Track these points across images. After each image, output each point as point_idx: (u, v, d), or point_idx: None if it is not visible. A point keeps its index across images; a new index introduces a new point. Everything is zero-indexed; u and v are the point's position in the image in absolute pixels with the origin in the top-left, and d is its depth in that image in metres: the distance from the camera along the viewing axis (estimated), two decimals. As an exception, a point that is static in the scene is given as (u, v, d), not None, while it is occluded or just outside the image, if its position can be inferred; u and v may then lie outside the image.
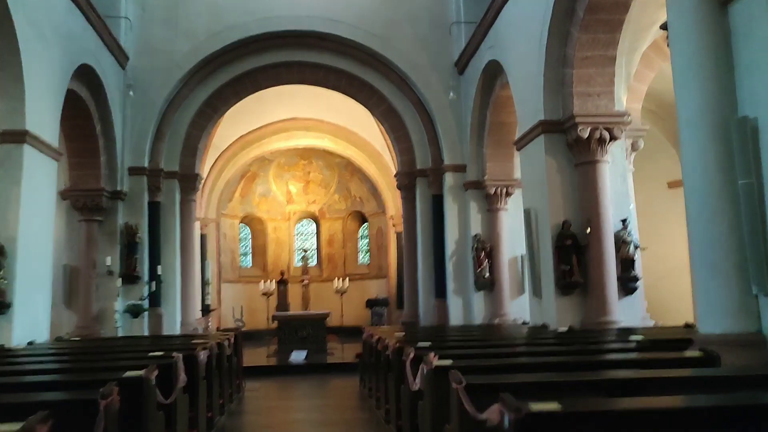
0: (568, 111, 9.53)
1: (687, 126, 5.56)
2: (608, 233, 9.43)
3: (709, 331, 5.38)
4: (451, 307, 14.67)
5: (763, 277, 5.08)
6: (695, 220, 5.47)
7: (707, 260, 5.34)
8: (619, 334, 7.91)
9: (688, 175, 5.54)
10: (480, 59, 13.25)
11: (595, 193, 9.42)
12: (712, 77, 5.43)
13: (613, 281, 9.39)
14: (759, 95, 5.15)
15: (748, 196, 5.14)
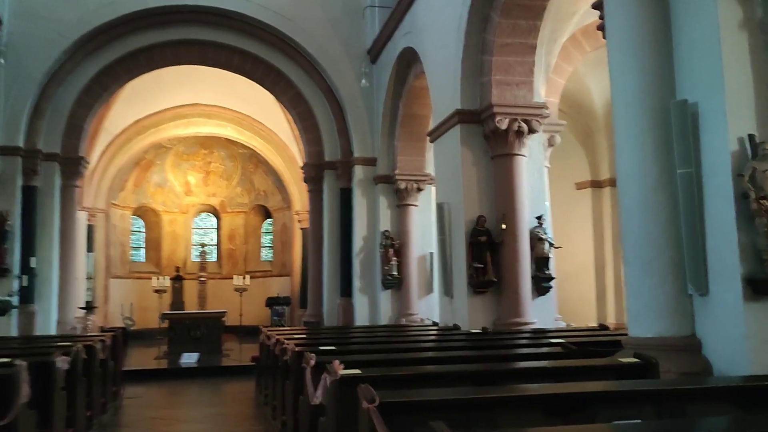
0: (486, 100, 9.03)
1: (624, 110, 5.08)
2: (524, 230, 9.00)
3: (640, 335, 4.91)
4: (356, 307, 13.96)
5: (699, 275, 4.65)
6: (629, 214, 4.98)
7: (642, 257, 4.86)
8: (537, 336, 7.43)
9: (624, 165, 5.05)
10: (394, 46, 12.61)
11: (511, 188, 8.96)
12: (651, 59, 4.97)
13: (527, 280, 8.97)
14: (699, 79, 4.72)
15: (687, 186, 4.70)
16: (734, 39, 4.58)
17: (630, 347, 4.92)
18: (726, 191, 4.48)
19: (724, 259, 4.51)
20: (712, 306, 4.63)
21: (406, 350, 5.90)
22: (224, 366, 12.64)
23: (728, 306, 4.48)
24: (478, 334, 8.05)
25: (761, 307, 4.40)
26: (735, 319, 4.43)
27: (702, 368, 4.62)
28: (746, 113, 4.54)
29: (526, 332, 8.17)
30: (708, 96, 4.64)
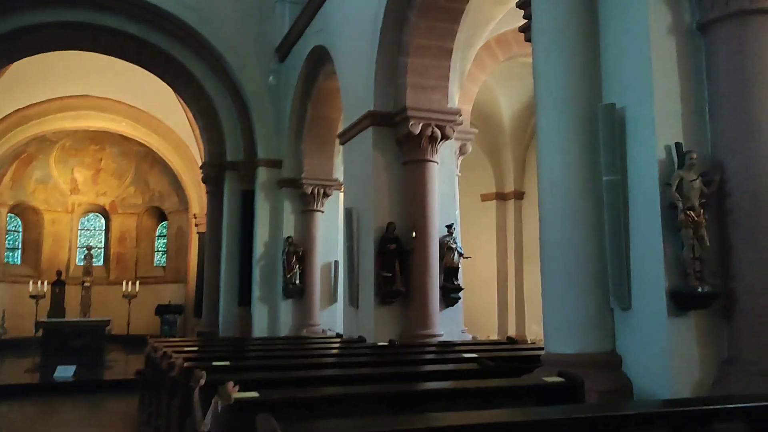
0: (400, 103, 8.68)
1: (549, 113, 4.81)
2: (434, 239, 8.69)
3: (560, 350, 4.63)
4: (255, 316, 13.22)
5: (622, 288, 4.43)
6: (552, 221, 4.71)
7: (564, 268, 4.59)
8: (446, 350, 7.11)
9: (547, 169, 4.78)
10: (305, 44, 12.08)
11: (422, 195, 8.64)
12: (578, 60, 4.74)
13: (435, 291, 8.66)
14: (628, 84, 4.53)
15: (612, 194, 4.48)
16: (664, 44, 4.42)
17: (550, 364, 4.63)
18: (652, 201, 4.29)
19: (648, 271, 4.32)
20: (635, 321, 4.42)
21: (310, 366, 5.37)
22: (106, 380, 11.54)
23: (651, 321, 4.28)
24: (385, 347, 7.64)
25: (684, 322, 4.22)
26: (658, 334, 4.24)
27: (622, 386, 4.39)
28: (673, 121, 4.38)
29: (435, 345, 7.84)
30: (636, 101, 4.45)
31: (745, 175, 4.20)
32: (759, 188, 4.17)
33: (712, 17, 4.38)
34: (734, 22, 4.31)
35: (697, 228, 4.14)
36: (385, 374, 4.81)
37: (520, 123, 14.95)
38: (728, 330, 4.26)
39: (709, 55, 4.44)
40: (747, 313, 4.15)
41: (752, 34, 4.28)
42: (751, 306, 4.14)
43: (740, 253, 4.19)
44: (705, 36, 4.47)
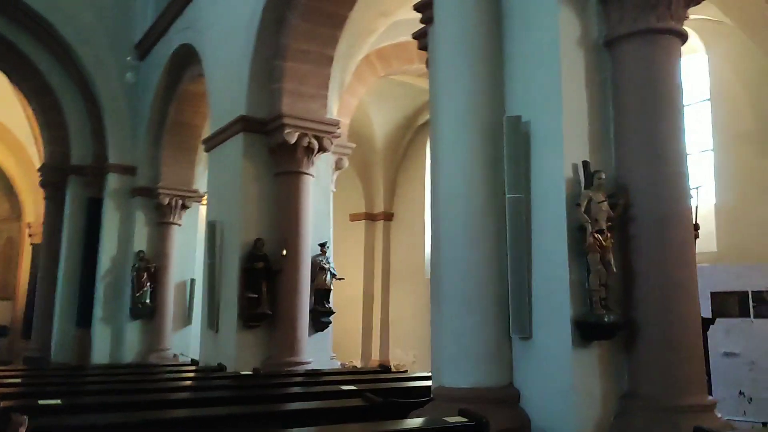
0: (275, 110, 8.02)
1: (450, 123, 4.39)
2: (306, 258, 8.07)
3: (453, 384, 4.18)
4: (96, 339, 11.73)
5: (523, 316, 4.08)
6: (451, 241, 4.27)
7: (462, 293, 4.16)
8: (315, 379, 6.48)
9: (447, 184, 4.35)
10: (169, 42, 11.05)
11: (296, 210, 8.00)
12: (482, 69, 4.38)
13: (305, 314, 8.02)
14: (534, 97, 4.24)
15: (515, 213, 4.14)
16: (573, 57, 4.18)
17: (443, 399, 4.17)
18: (558, 222, 3.99)
19: (552, 298, 3.99)
20: (536, 351, 4.07)
21: (161, 404, 4.50)
22: None
23: (554, 352, 3.95)
24: (248, 377, 6.86)
25: (588, 354, 3.93)
26: (560, 367, 3.91)
27: (521, 424, 4.02)
28: (581, 138, 4.13)
29: (303, 374, 7.19)
30: (543, 116, 4.16)
31: (651, 199, 4.03)
32: (664, 214, 4.00)
33: (620, 34, 4.21)
34: (641, 40, 4.15)
35: (604, 253, 3.88)
36: (250, 415, 4.09)
37: (393, 143, 14.76)
38: (628, 362, 4.03)
39: (615, 72, 4.26)
40: (649, 345, 3.94)
41: (659, 54, 4.14)
42: (654, 337, 3.93)
43: (643, 282, 3.99)
44: (612, 53, 4.29)
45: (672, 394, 3.85)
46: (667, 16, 4.13)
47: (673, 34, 4.16)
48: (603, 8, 4.27)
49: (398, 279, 15.01)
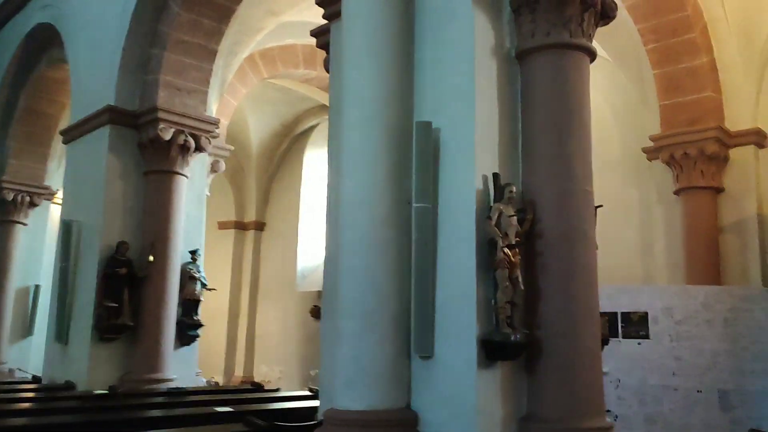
0: (149, 102, 7.35)
1: (356, 125, 4.07)
2: (175, 265, 7.44)
3: (346, 406, 3.83)
4: None
5: (426, 334, 3.84)
6: (353, 252, 3.94)
7: (364, 308, 3.84)
8: (179, 398, 5.88)
9: (350, 190, 4.02)
10: (26, 19, 9.92)
11: (166, 213, 7.35)
12: (392, 70, 4.11)
13: (171, 327, 7.37)
14: (445, 104, 4.03)
15: (422, 224, 3.90)
16: (486, 66, 4.04)
17: (334, 423, 3.82)
18: (467, 235, 3.79)
19: (457, 315, 3.78)
20: (437, 372, 3.83)
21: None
22: None
23: (457, 372, 3.73)
24: (103, 396, 6.11)
25: (492, 374, 3.75)
26: (463, 388, 3.69)
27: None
28: (491, 149, 3.98)
29: (166, 393, 6.54)
30: (454, 124, 3.96)
31: (557, 216, 3.94)
32: (570, 232, 3.93)
33: (532, 46, 4.12)
34: (553, 54, 4.09)
35: (513, 269, 3.73)
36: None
37: (268, 150, 14.22)
38: (529, 383, 3.90)
39: (526, 85, 4.17)
40: (551, 366, 3.83)
41: (570, 69, 4.10)
42: (556, 358, 3.82)
43: (547, 300, 3.88)
44: (523, 65, 4.19)
45: (572, 417, 3.76)
46: (579, 32, 4.11)
47: (584, 50, 4.14)
48: (516, 19, 4.18)
49: (267, 292, 14.43)
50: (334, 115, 4.66)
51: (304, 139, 14.20)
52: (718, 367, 6.86)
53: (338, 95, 4.38)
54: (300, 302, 13.31)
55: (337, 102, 4.53)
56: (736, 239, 7.74)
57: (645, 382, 6.94)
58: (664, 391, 6.98)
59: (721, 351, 6.89)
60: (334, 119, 4.63)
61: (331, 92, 4.79)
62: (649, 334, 7.10)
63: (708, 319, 6.95)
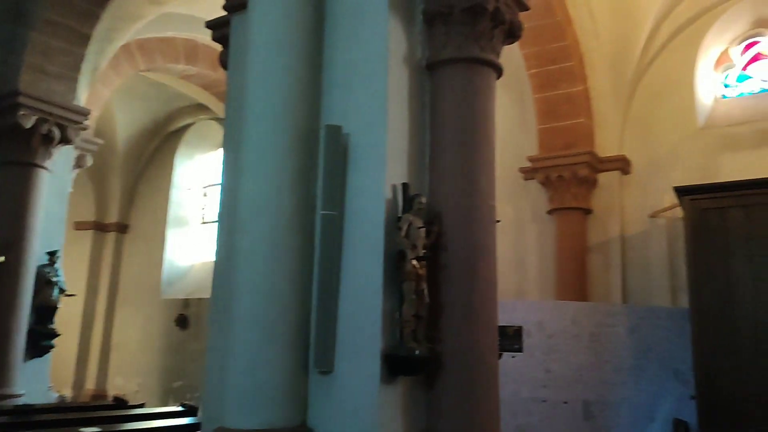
0: (9, 86, 6.61)
1: (263, 129, 3.79)
2: (29, 267, 6.72)
3: (239, 425, 3.55)
4: None
5: (327, 347, 3.65)
6: (251, 259, 3.67)
7: (263, 319, 3.58)
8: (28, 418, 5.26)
9: (251, 193, 3.74)
10: None
11: (22, 208, 6.63)
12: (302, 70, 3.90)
13: (22, 336, 6.62)
14: (356, 108, 3.88)
15: (328, 233, 3.72)
16: (399, 73, 3.95)
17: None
18: (375, 245, 3.66)
19: (361, 328, 3.63)
20: (337, 387, 3.65)
21: None
22: None
23: (358, 388, 3.58)
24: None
25: (394, 390, 3.63)
26: (365, 404, 3.54)
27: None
28: (401, 159, 3.89)
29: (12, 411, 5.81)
30: (365, 130, 3.83)
31: (462, 230, 3.92)
32: (474, 246, 3.92)
33: (444, 58, 4.10)
34: (464, 68, 4.09)
35: (419, 281, 3.65)
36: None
37: (136, 148, 13.34)
38: (428, 399, 3.83)
39: (435, 96, 4.13)
40: (451, 382, 3.78)
41: (480, 84, 4.12)
42: (457, 374, 3.78)
43: (450, 314, 3.84)
44: (433, 76, 4.16)
45: None
46: (489, 48, 4.14)
47: (492, 67, 4.18)
48: (429, 30, 4.14)
49: (127, 298, 13.48)
50: (233, 112, 4.38)
51: (176, 139, 13.49)
52: (583, 379, 7.22)
53: (239, 91, 4.11)
54: (164, 310, 12.58)
55: (237, 99, 4.27)
56: (601, 258, 8.25)
57: (518, 395, 7.15)
58: (534, 403, 7.24)
59: (586, 364, 7.26)
60: (233, 117, 4.35)
61: (230, 88, 4.50)
62: (522, 348, 7.34)
63: (576, 334, 7.30)
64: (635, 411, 7.19)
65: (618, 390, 7.24)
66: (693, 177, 7.57)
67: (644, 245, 8.21)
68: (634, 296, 8.08)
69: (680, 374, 7.28)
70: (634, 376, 7.27)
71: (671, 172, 8.14)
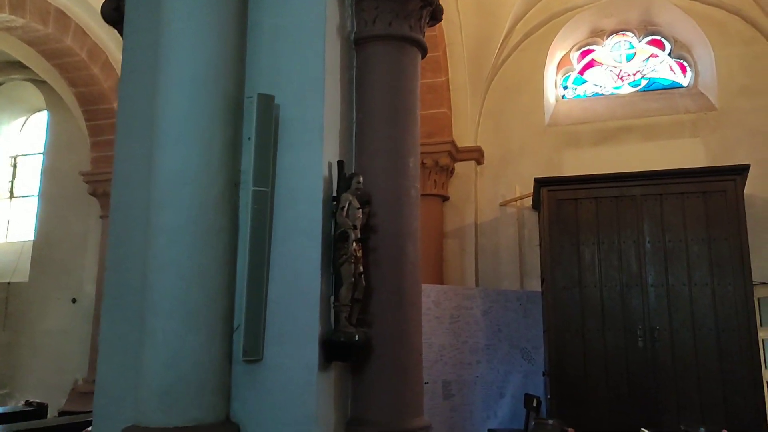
0: None
1: (188, 95, 3.34)
2: None
3: (162, 423, 3.14)
4: None
5: (256, 334, 3.37)
6: (172, 239, 3.21)
7: (187, 305, 3.18)
8: None
9: (173, 169, 3.28)
10: None
11: None
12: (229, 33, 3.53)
13: None
14: (287, 78, 3.58)
15: (259, 211, 3.42)
16: (333, 44, 3.74)
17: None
18: (310, 225, 3.45)
19: (294, 313, 3.40)
20: (266, 377, 3.39)
21: None
22: None
23: (292, 377, 3.34)
24: None
25: (328, 377, 3.46)
26: (300, 393, 3.33)
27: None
28: (334, 135, 3.70)
29: None
30: (299, 102, 3.57)
31: (391, 212, 3.84)
32: (401, 228, 3.86)
33: (373, 34, 3.97)
34: (393, 46, 4.00)
35: (357, 264, 3.51)
36: None
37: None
38: (357, 385, 3.72)
39: (362, 73, 3.98)
40: (380, 366, 3.70)
41: (407, 63, 4.06)
42: (385, 358, 3.71)
43: (379, 298, 3.74)
44: (360, 52, 4.01)
45: (398, 418, 3.68)
46: (417, 27, 4.08)
47: (419, 47, 4.13)
48: (358, 3, 3.98)
49: None
50: (135, 75, 3.86)
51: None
52: (444, 359, 7.49)
53: (148, 51, 3.64)
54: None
55: (139, 59, 3.79)
56: (457, 243, 8.60)
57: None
58: (398, 384, 7.37)
59: (447, 345, 7.54)
60: (136, 80, 3.83)
61: (128, 46, 3.96)
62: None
63: (437, 316, 7.56)
64: (488, 388, 7.63)
65: (473, 369, 7.62)
66: (539, 170, 8.19)
67: (495, 232, 8.70)
68: (485, 280, 8.54)
69: (526, 353, 7.85)
70: (487, 355, 7.70)
71: (520, 165, 8.72)
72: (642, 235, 6.80)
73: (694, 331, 6.57)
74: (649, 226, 6.81)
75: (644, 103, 8.75)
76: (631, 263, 6.79)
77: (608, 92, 9.13)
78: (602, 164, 7.77)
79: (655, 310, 6.67)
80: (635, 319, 6.71)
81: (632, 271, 6.78)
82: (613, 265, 6.86)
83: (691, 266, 6.66)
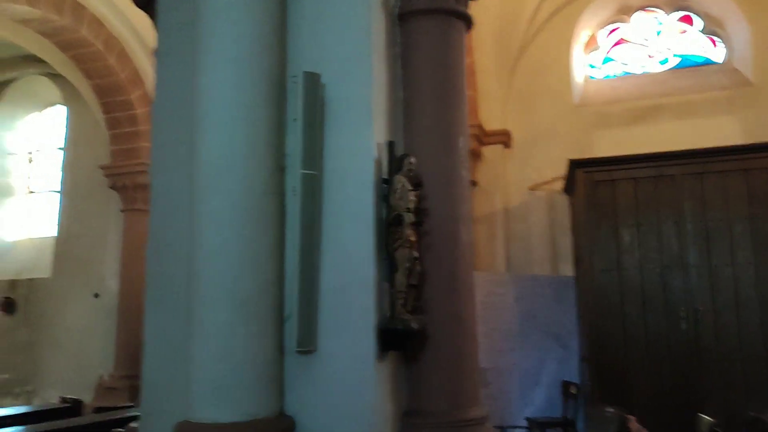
0: None
1: (231, 76, 3.16)
2: None
3: (211, 419, 3.00)
4: None
5: (310, 324, 3.22)
6: (218, 227, 3.07)
7: (236, 294, 3.02)
8: None
9: (218, 154, 3.11)
10: None
11: None
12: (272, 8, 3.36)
13: None
14: (333, 55, 3.41)
15: (308, 194, 3.26)
16: (378, 22, 3.57)
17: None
18: (362, 209, 3.29)
19: (349, 301, 3.25)
20: (321, 368, 3.24)
21: None
22: None
23: (348, 367, 3.20)
24: None
25: (385, 367, 3.32)
26: (357, 384, 3.18)
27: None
28: (382, 116, 3.53)
29: None
30: (345, 81, 3.40)
31: (442, 194, 3.67)
32: (453, 211, 3.70)
33: (417, 8, 3.79)
34: (438, 20, 3.82)
35: (412, 248, 3.34)
36: None
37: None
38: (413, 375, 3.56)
39: (408, 50, 3.81)
40: (436, 356, 3.55)
41: (454, 37, 3.87)
42: (442, 347, 3.55)
43: (433, 283, 3.58)
44: (404, 26, 3.83)
45: (456, 408, 3.52)
46: (462, 0, 3.90)
47: (465, 20, 3.94)
48: (401, -24, 3.79)
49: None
50: (170, 57, 3.71)
51: (-1, 92, 11.65)
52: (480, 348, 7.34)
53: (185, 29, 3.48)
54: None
55: (174, 39, 3.63)
56: (486, 229, 8.41)
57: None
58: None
59: (479, 332, 7.39)
60: (172, 62, 3.68)
61: (163, 27, 3.80)
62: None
63: (469, 303, 7.39)
64: (524, 376, 7.47)
65: (508, 356, 7.46)
66: (569, 152, 7.94)
67: (525, 217, 8.51)
68: (516, 266, 8.36)
69: (560, 338, 7.67)
70: (521, 342, 7.54)
71: (549, 147, 8.50)
72: (682, 215, 6.58)
73: (738, 311, 6.37)
74: (689, 205, 6.59)
75: (676, 80, 8.51)
76: (671, 244, 6.58)
77: (638, 71, 8.89)
78: (634, 145, 7.54)
79: (698, 292, 6.47)
80: (677, 302, 6.51)
81: (673, 252, 6.57)
82: (652, 246, 6.65)
83: (734, 245, 6.45)
